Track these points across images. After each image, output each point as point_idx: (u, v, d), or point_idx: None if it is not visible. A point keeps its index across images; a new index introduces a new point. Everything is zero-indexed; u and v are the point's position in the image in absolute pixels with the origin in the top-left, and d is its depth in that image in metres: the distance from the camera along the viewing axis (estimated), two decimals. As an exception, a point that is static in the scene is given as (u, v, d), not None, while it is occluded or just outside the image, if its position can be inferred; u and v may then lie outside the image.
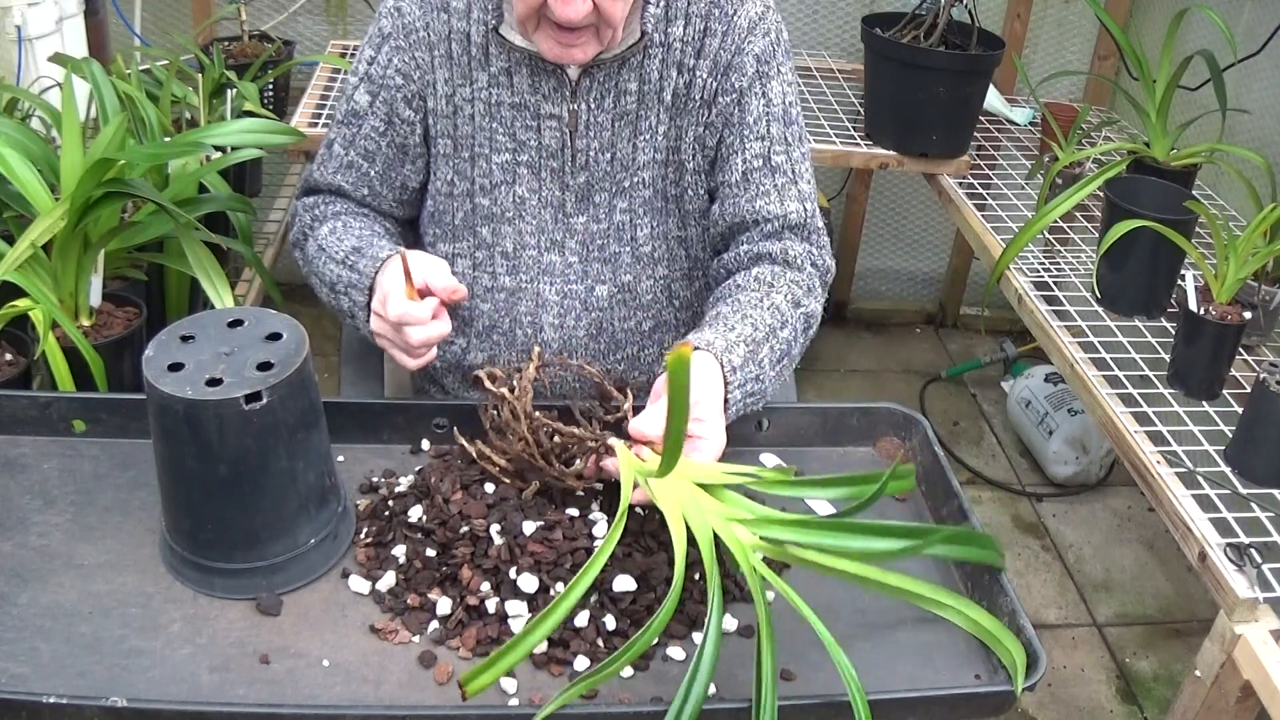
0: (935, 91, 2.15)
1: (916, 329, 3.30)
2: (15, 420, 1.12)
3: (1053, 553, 2.50)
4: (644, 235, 1.33)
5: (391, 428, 1.17)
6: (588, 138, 1.29)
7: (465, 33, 1.27)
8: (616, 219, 1.32)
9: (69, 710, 0.81)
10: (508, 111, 1.28)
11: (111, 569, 0.98)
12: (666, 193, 1.33)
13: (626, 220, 1.32)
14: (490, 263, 1.33)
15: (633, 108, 1.28)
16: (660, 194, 1.33)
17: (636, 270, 1.34)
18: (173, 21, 2.64)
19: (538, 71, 1.26)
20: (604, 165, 1.30)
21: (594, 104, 1.27)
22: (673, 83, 1.28)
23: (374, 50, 1.30)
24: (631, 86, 1.28)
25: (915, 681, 0.94)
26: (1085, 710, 2.12)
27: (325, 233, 1.31)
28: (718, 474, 0.97)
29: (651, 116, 1.29)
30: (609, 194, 1.32)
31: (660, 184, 1.32)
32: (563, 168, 1.30)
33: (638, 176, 1.31)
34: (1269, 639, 1.23)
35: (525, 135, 1.29)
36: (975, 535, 0.97)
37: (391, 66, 1.29)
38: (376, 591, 0.98)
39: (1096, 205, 2.04)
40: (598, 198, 1.32)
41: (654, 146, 1.30)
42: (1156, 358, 1.69)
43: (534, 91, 1.27)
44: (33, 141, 1.46)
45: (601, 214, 1.32)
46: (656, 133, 1.30)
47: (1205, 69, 2.06)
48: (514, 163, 1.30)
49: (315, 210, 1.35)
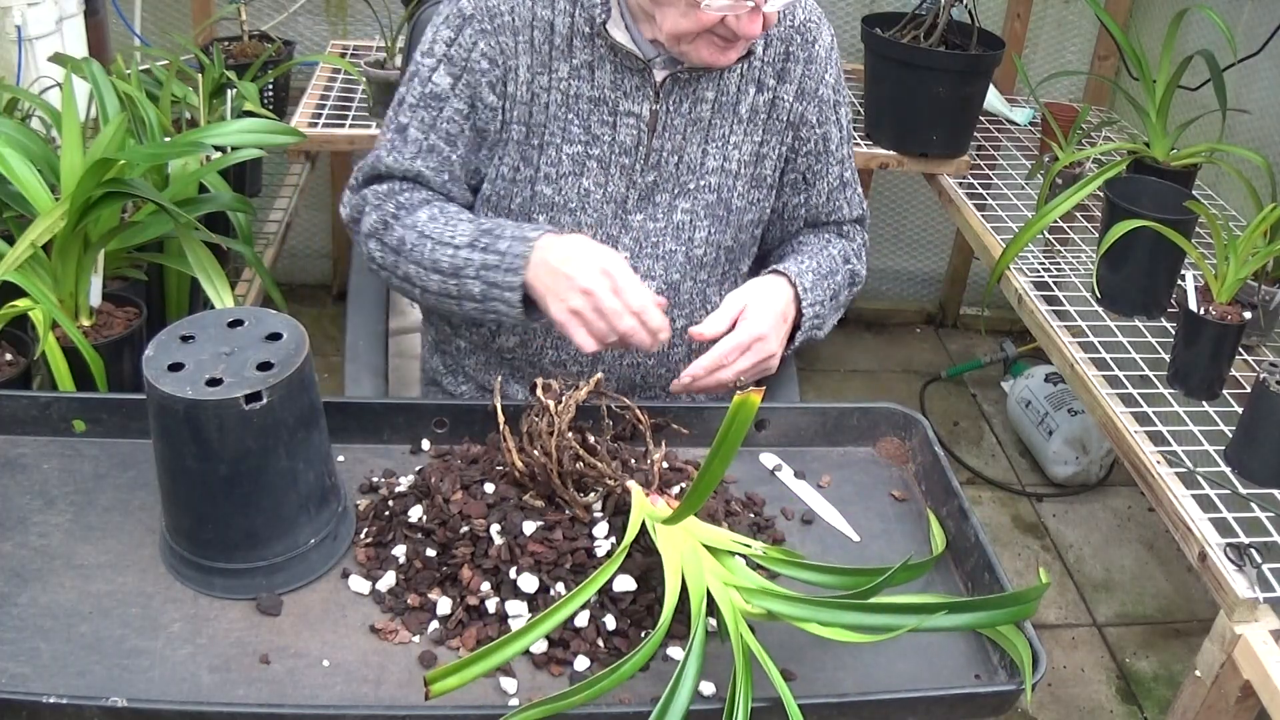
0: (935, 91, 2.15)
1: (916, 329, 3.30)
2: (15, 420, 1.12)
3: (1053, 553, 2.50)
4: (700, 238, 1.36)
5: (391, 428, 1.17)
6: (663, 138, 1.31)
7: (549, 21, 1.27)
8: (677, 219, 1.35)
9: (69, 710, 0.81)
10: (585, 105, 1.29)
11: (111, 569, 0.98)
12: (730, 203, 1.36)
13: (686, 220, 1.35)
14: None
15: (706, 115, 1.32)
16: (723, 202, 1.36)
17: (685, 270, 1.37)
18: (173, 21, 2.64)
19: (621, 69, 1.28)
20: (671, 167, 1.33)
21: (672, 107, 1.30)
22: (750, 98, 1.33)
23: (453, 32, 1.28)
24: (708, 95, 1.31)
25: (915, 681, 0.93)
26: (1085, 710, 2.12)
27: (424, 219, 1.28)
28: (725, 539, 0.97)
29: (725, 126, 1.33)
30: (670, 194, 1.34)
31: (724, 193, 1.36)
32: (633, 165, 1.31)
33: (704, 180, 1.34)
34: (1269, 639, 1.23)
35: (600, 130, 1.30)
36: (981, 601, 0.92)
37: (476, 50, 1.27)
38: (376, 591, 0.98)
39: (1096, 205, 2.04)
40: (659, 197, 1.34)
41: (724, 155, 1.34)
42: (1156, 358, 1.69)
43: (615, 88, 1.28)
44: (33, 141, 1.46)
45: (660, 213, 1.34)
46: (728, 143, 1.34)
47: (1205, 69, 2.06)
48: (585, 155, 1.30)
49: (397, 198, 1.31)
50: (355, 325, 1.58)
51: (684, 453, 1.16)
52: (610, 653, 0.92)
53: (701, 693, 0.88)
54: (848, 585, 0.93)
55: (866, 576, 0.92)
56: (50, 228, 1.31)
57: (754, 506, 1.12)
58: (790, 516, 1.12)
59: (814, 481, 1.17)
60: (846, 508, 1.14)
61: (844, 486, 1.17)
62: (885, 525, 1.12)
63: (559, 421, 1.01)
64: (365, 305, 1.63)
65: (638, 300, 1.16)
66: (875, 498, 1.15)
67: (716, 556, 0.94)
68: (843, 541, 1.10)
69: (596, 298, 1.16)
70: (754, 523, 1.09)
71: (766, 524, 1.09)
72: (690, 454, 1.16)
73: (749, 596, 0.91)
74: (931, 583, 1.05)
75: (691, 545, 0.94)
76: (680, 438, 1.17)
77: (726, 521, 1.06)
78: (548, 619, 0.86)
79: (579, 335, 1.18)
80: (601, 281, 1.16)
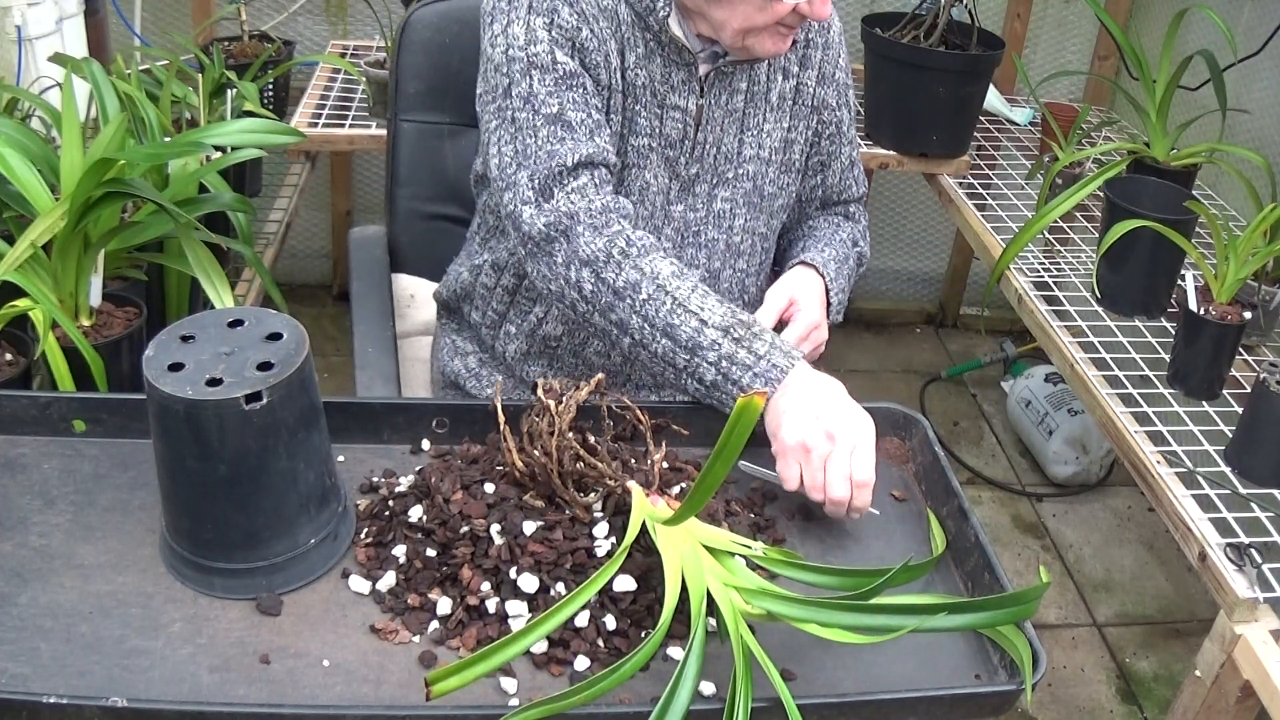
0: (935, 91, 2.15)
1: (916, 329, 3.30)
2: (15, 420, 1.12)
3: (1053, 553, 2.50)
4: (739, 226, 1.39)
5: (391, 428, 1.17)
6: (706, 131, 1.32)
7: (614, 11, 1.26)
8: (717, 207, 1.36)
9: (69, 710, 0.81)
10: (647, 96, 1.29)
11: (111, 569, 0.98)
12: (764, 190, 1.39)
13: (727, 209, 1.37)
14: None
15: (740, 105, 1.34)
16: (758, 190, 1.39)
17: (725, 259, 1.40)
18: (173, 21, 2.64)
19: (669, 62, 1.28)
20: (711, 158, 1.34)
21: (714, 100, 1.32)
22: (778, 86, 1.36)
23: (547, 17, 1.21)
24: (742, 86, 1.33)
25: (915, 681, 0.93)
26: (1085, 710, 2.12)
27: (666, 273, 1.17)
28: (725, 540, 0.97)
29: (758, 115, 1.35)
30: (709, 184, 1.36)
31: (759, 180, 1.38)
32: (678, 158, 1.32)
33: (742, 169, 1.36)
34: (1269, 639, 1.23)
35: (653, 122, 1.30)
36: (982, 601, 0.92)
37: (581, 33, 1.22)
38: (376, 591, 0.98)
39: (1096, 205, 2.04)
40: (699, 188, 1.35)
41: (758, 144, 1.37)
42: (1156, 358, 1.69)
43: (664, 81, 1.29)
44: (33, 141, 1.46)
45: (700, 203, 1.36)
46: (761, 130, 1.36)
47: (1205, 69, 2.06)
48: (647, 147, 1.31)
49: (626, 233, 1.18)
50: (363, 332, 1.58)
51: (684, 452, 1.16)
52: (610, 653, 0.92)
53: (701, 693, 0.88)
54: (847, 586, 0.93)
55: (866, 578, 0.92)
56: (50, 228, 1.31)
57: (754, 507, 1.12)
58: (791, 516, 1.12)
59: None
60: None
61: (844, 486, 1.16)
62: (885, 525, 1.12)
63: (559, 421, 1.01)
64: (371, 311, 1.62)
65: (864, 473, 1.05)
66: (875, 498, 1.15)
67: (716, 557, 0.94)
68: (843, 540, 1.10)
69: (835, 450, 1.06)
70: (754, 523, 1.09)
71: (767, 524, 1.09)
72: (690, 454, 1.16)
73: (749, 597, 0.91)
74: (931, 583, 1.05)
75: (691, 545, 0.94)
76: (680, 438, 1.17)
77: (726, 521, 1.06)
78: (548, 620, 0.86)
79: (788, 469, 1.08)
80: (847, 439, 1.06)
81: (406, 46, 1.61)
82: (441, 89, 1.64)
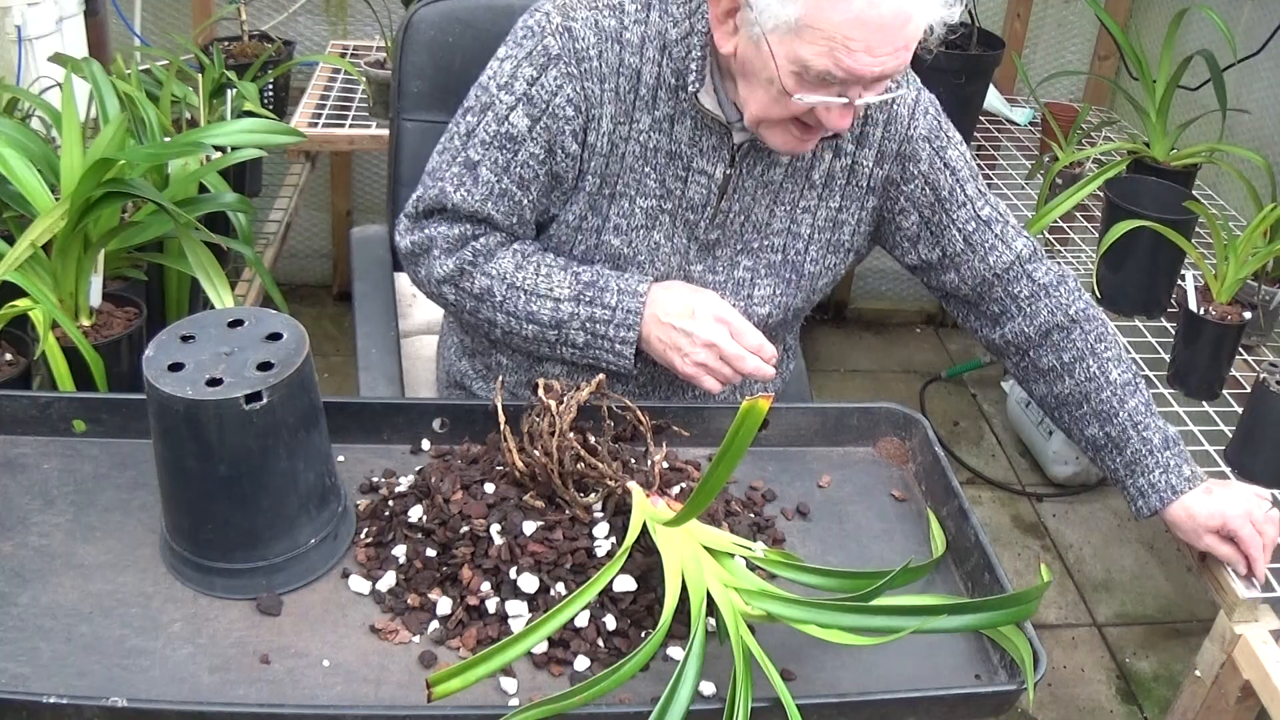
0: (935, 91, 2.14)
1: (916, 329, 3.30)
2: (15, 420, 1.12)
3: (1053, 553, 2.50)
4: (761, 295, 1.34)
5: (391, 428, 1.17)
6: (732, 200, 1.28)
7: (636, 70, 1.22)
8: (738, 275, 1.32)
9: (69, 710, 0.81)
10: (662, 158, 1.26)
11: (111, 569, 0.98)
12: (802, 267, 1.34)
13: (748, 278, 1.33)
14: None
15: (778, 179, 1.29)
16: (790, 264, 1.34)
17: None
18: (173, 21, 2.64)
19: (701, 126, 1.24)
20: (736, 226, 1.31)
21: (745, 170, 1.27)
22: (825, 164, 1.30)
23: (536, 71, 1.21)
24: (783, 160, 1.28)
25: (915, 681, 0.94)
26: (1085, 710, 2.12)
27: (509, 269, 1.26)
28: (725, 542, 0.97)
29: (796, 191, 1.30)
30: (733, 250, 1.32)
31: (791, 254, 1.33)
32: (699, 222, 1.29)
33: (769, 240, 1.32)
34: (1269, 639, 1.23)
35: (674, 184, 1.27)
36: (982, 602, 0.92)
37: (561, 95, 1.21)
38: (376, 591, 0.98)
39: (1096, 205, 2.04)
40: (720, 251, 1.32)
41: (791, 218, 1.31)
42: (1156, 358, 1.69)
43: (692, 144, 1.25)
44: (33, 141, 1.46)
45: (720, 267, 1.32)
46: (797, 206, 1.31)
47: (1205, 69, 2.06)
48: (659, 210, 1.28)
49: (472, 244, 1.27)
50: (365, 332, 1.57)
51: (684, 453, 1.16)
52: (610, 653, 0.92)
53: (702, 693, 0.88)
54: (847, 588, 0.93)
55: (866, 579, 0.92)
56: (50, 228, 1.31)
57: (754, 507, 1.12)
58: (790, 516, 1.12)
59: (814, 481, 1.17)
60: (846, 507, 1.14)
61: (844, 486, 1.17)
62: (885, 525, 1.12)
63: (560, 422, 1.01)
64: (374, 311, 1.61)
65: (754, 339, 1.21)
66: (875, 498, 1.15)
67: (716, 558, 0.94)
68: (843, 540, 1.10)
69: (720, 348, 1.20)
70: (754, 523, 1.09)
71: (767, 524, 1.09)
72: (690, 454, 1.16)
73: (749, 598, 0.91)
74: (932, 583, 1.05)
75: (692, 546, 0.94)
76: (680, 438, 1.17)
77: (726, 522, 1.06)
78: (549, 621, 0.86)
79: (708, 383, 1.23)
80: (720, 331, 1.21)
81: (409, 46, 1.61)
82: (444, 88, 1.64)
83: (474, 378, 1.46)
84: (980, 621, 0.91)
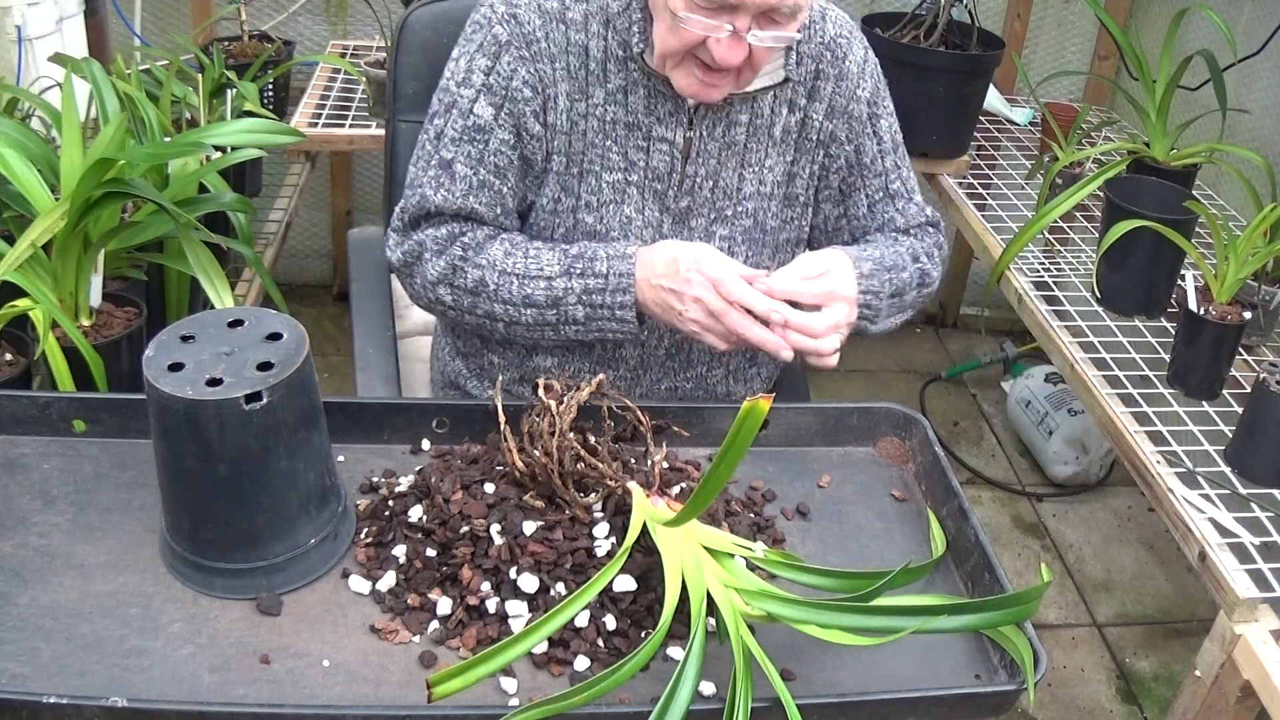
0: (935, 91, 2.15)
1: (916, 329, 3.30)
2: (15, 420, 1.12)
3: (1053, 553, 2.50)
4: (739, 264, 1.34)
5: (391, 428, 1.17)
6: (696, 164, 1.29)
7: (583, 46, 1.25)
8: (715, 245, 1.32)
9: (69, 710, 0.81)
10: (622, 130, 1.27)
11: (111, 569, 0.98)
12: (766, 225, 1.35)
13: (725, 248, 1.33)
14: None
15: (741, 139, 1.30)
16: (760, 226, 1.34)
17: None
18: (173, 21, 2.64)
19: (654, 94, 1.26)
20: (706, 192, 1.31)
21: (706, 132, 1.28)
22: (783, 120, 1.31)
23: (489, 59, 1.25)
24: (742, 119, 1.29)
25: (915, 681, 0.93)
26: (1085, 710, 2.12)
27: (499, 256, 1.26)
28: (725, 542, 0.97)
29: (760, 150, 1.31)
30: (707, 220, 1.33)
31: (761, 216, 1.34)
32: (667, 191, 1.30)
33: (741, 206, 1.33)
34: (1269, 639, 1.23)
35: (636, 155, 1.28)
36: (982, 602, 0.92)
37: (517, 78, 1.24)
38: (376, 591, 0.98)
39: (1096, 205, 2.04)
40: (694, 222, 1.32)
41: (760, 180, 1.32)
42: (1156, 358, 1.69)
43: (649, 113, 1.26)
44: (33, 141, 1.46)
45: (697, 238, 1.32)
46: (764, 166, 1.32)
47: (1205, 69, 2.06)
48: (625, 182, 1.29)
49: (461, 240, 1.28)
50: (363, 333, 1.57)
51: (684, 453, 1.16)
52: (610, 653, 0.92)
53: (702, 693, 0.88)
54: (847, 588, 0.93)
55: (866, 580, 0.92)
56: (50, 228, 1.31)
57: (754, 507, 1.12)
58: (790, 516, 1.12)
59: (814, 481, 1.17)
60: (846, 507, 1.14)
61: (844, 486, 1.17)
62: (885, 525, 1.12)
63: (560, 422, 1.01)
64: (371, 312, 1.62)
65: (739, 291, 1.17)
66: (875, 498, 1.15)
67: (716, 558, 0.94)
68: (843, 540, 1.10)
69: (706, 303, 1.19)
70: (754, 523, 1.09)
71: (766, 524, 1.09)
72: (690, 454, 1.16)
73: (749, 598, 0.91)
74: (932, 583, 1.05)
75: (692, 547, 0.94)
76: (680, 438, 1.17)
77: (727, 522, 1.06)
78: (549, 621, 0.86)
79: (710, 340, 1.22)
80: (704, 286, 1.18)
81: (404, 47, 1.61)
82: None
83: (468, 377, 1.46)
84: (980, 621, 0.91)
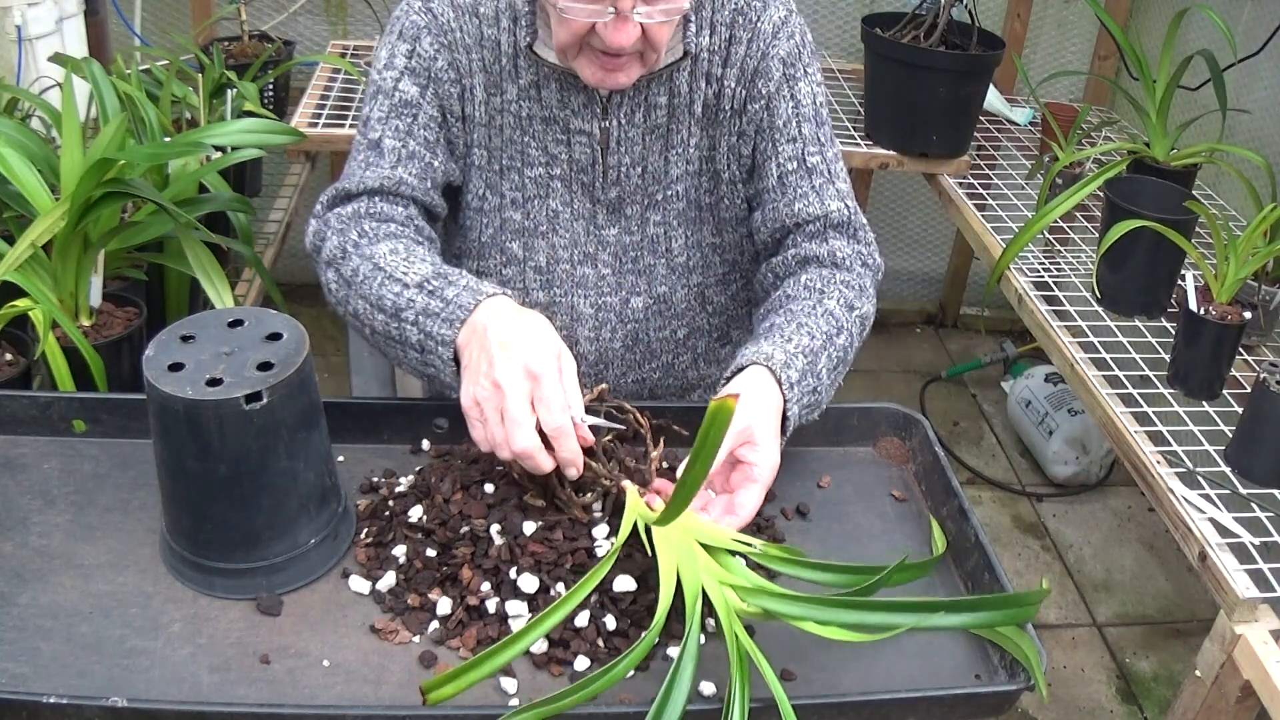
0: (935, 91, 2.15)
1: (916, 329, 3.30)
2: (15, 420, 1.12)
3: (1053, 553, 2.50)
4: (679, 246, 1.33)
5: (391, 428, 1.17)
6: (619, 153, 1.27)
7: (495, 40, 1.24)
8: (650, 231, 1.31)
9: (69, 710, 0.81)
10: (539, 125, 1.26)
11: (111, 569, 0.98)
12: (700, 202, 1.32)
13: (660, 233, 1.32)
14: (521, 278, 1.32)
15: (663, 121, 1.27)
16: (694, 204, 1.32)
17: (671, 281, 1.34)
18: (173, 21, 2.64)
19: (567, 87, 1.24)
20: (635, 179, 1.29)
21: (624, 120, 1.26)
22: (702, 94, 1.27)
23: (409, 44, 1.23)
24: (661, 100, 1.26)
25: (915, 682, 0.93)
26: (1085, 710, 2.12)
27: (384, 252, 1.14)
28: (723, 538, 0.97)
29: (683, 129, 1.28)
30: (641, 206, 1.31)
31: (694, 194, 1.32)
32: (593, 182, 1.29)
33: (671, 189, 1.31)
34: (1269, 639, 1.23)
35: (556, 149, 1.27)
36: (981, 601, 0.92)
37: (440, 59, 1.23)
38: (376, 591, 0.98)
39: (1096, 205, 2.04)
40: (629, 210, 1.31)
41: (686, 159, 1.30)
42: (1156, 358, 1.69)
43: (563, 107, 1.25)
44: (33, 141, 1.46)
45: (634, 226, 1.31)
46: (689, 145, 1.29)
47: (1205, 69, 2.06)
48: (547, 176, 1.28)
49: (361, 224, 1.18)
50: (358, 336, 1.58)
51: (683, 453, 1.16)
52: (610, 653, 0.92)
53: (702, 693, 0.88)
54: (846, 584, 0.93)
55: (864, 575, 0.92)
56: (50, 228, 1.31)
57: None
58: (790, 516, 1.12)
59: (814, 481, 1.17)
60: (846, 507, 1.14)
61: (844, 486, 1.17)
62: (885, 525, 1.12)
63: None
64: None
65: (555, 419, 0.96)
66: (875, 498, 1.15)
67: (713, 555, 0.94)
68: (843, 540, 1.10)
69: (505, 399, 0.96)
70: (754, 523, 1.09)
71: (766, 524, 1.09)
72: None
73: (745, 595, 0.91)
74: (932, 583, 1.05)
75: (688, 544, 0.94)
76: (679, 438, 1.17)
77: (726, 521, 1.06)
78: (543, 621, 0.86)
79: (474, 431, 1.00)
80: (520, 384, 0.97)
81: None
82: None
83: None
84: (979, 620, 0.91)
